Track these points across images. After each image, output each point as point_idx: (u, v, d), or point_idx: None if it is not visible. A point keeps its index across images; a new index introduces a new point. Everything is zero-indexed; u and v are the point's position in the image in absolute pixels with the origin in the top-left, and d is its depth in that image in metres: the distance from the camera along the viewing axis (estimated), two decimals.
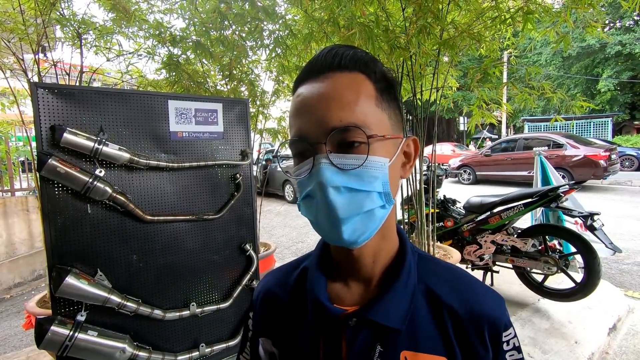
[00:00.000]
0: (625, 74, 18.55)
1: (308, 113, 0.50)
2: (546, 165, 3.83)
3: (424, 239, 3.02)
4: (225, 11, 2.77)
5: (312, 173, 0.50)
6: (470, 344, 0.53)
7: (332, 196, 0.48)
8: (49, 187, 1.53)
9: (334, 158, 0.49)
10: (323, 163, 0.48)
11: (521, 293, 3.29)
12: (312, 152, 0.50)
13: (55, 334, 1.45)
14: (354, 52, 0.53)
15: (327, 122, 0.49)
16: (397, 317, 0.53)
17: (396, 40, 2.48)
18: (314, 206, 0.51)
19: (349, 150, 0.49)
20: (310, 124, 0.50)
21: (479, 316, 0.53)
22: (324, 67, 0.52)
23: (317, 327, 0.57)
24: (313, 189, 0.50)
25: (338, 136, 0.49)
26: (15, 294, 4.68)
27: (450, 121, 26.56)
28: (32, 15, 2.52)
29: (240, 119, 2.07)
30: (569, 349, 2.47)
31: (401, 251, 0.59)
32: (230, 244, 2.05)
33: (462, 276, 0.59)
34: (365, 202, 0.50)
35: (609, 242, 2.89)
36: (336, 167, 0.48)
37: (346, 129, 0.48)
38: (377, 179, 0.50)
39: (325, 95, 0.50)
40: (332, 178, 0.48)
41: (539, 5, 2.45)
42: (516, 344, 0.55)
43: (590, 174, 9.44)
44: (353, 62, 0.52)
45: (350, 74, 0.51)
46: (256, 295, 0.69)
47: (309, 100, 0.51)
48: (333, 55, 0.52)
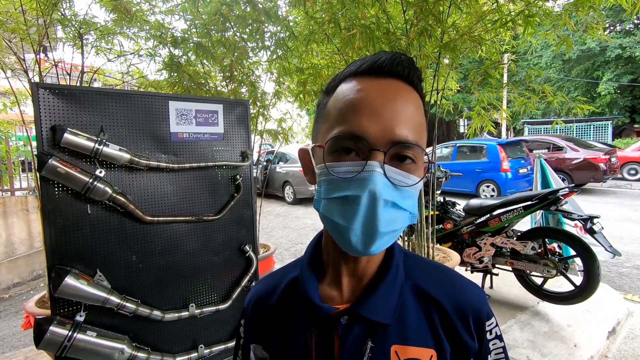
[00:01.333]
0: (626, 77, 18.57)
1: (374, 114, 0.48)
2: (546, 168, 3.83)
3: (424, 241, 3.02)
4: (227, 13, 2.78)
5: (359, 177, 0.48)
6: (458, 335, 0.55)
7: (381, 208, 0.47)
8: (49, 187, 1.53)
9: (389, 171, 0.48)
10: (377, 172, 0.47)
11: (520, 296, 3.29)
12: (365, 155, 0.48)
13: (54, 334, 1.45)
14: (417, 68, 0.53)
15: (394, 132, 0.48)
16: (386, 313, 0.55)
17: (397, 42, 2.49)
18: (351, 211, 0.48)
19: (400, 165, 0.50)
20: (374, 126, 0.48)
21: (464, 308, 0.56)
22: (390, 72, 0.51)
23: (309, 327, 0.58)
24: (358, 193, 0.48)
25: (398, 150, 0.49)
26: (14, 293, 4.68)
27: (450, 124, 26.56)
28: (34, 15, 2.53)
29: (241, 120, 2.07)
30: (568, 352, 2.47)
31: (389, 250, 0.60)
32: (229, 245, 2.05)
33: (445, 272, 0.62)
34: (400, 220, 0.51)
35: (609, 245, 2.88)
36: (389, 180, 0.48)
37: (410, 146, 0.49)
38: (412, 198, 0.52)
39: (395, 103, 0.49)
40: (384, 191, 0.47)
41: (540, 8, 2.46)
42: (498, 333, 0.58)
43: (590, 177, 9.45)
44: (417, 79, 0.53)
45: (413, 90, 0.52)
46: (247, 303, 0.69)
47: (376, 102, 0.49)
48: (402, 63, 0.51)
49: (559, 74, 21.02)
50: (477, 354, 0.56)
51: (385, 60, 0.50)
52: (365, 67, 0.51)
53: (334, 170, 0.49)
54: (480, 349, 0.56)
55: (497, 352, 0.58)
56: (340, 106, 0.51)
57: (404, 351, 0.54)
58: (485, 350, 0.57)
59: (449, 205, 3.71)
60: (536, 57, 20.89)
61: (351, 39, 2.36)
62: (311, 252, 0.64)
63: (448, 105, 3.54)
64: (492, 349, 0.57)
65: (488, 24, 2.70)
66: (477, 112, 3.07)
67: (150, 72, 4.58)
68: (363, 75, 0.51)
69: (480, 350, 0.56)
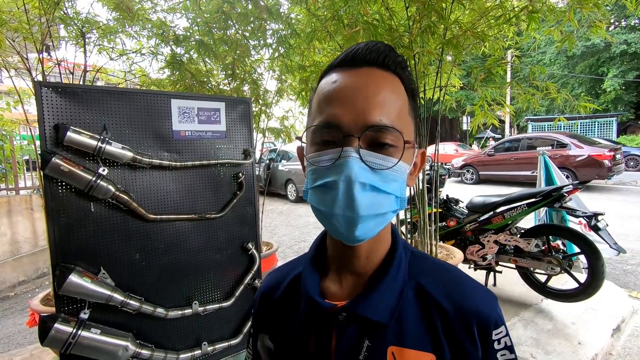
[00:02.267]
0: (631, 73, 18.41)
1: (346, 102, 0.49)
2: (550, 165, 3.81)
3: (427, 239, 3.02)
4: (229, 11, 2.78)
5: (336, 164, 0.49)
6: (459, 342, 0.52)
7: (357, 192, 0.47)
8: (53, 185, 1.53)
9: (365, 155, 0.48)
10: (353, 157, 0.48)
11: (524, 293, 3.28)
12: (340, 142, 0.49)
13: (58, 332, 1.46)
14: (395, 53, 0.53)
15: (367, 117, 0.48)
16: (384, 312, 0.54)
17: (400, 39, 2.47)
18: (331, 197, 0.49)
19: (379, 149, 0.49)
20: (347, 114, 0.49)
21: (468, 313, 0.53)
22: (365, 60, 0.51)
23: (308, 322, 0.58)
24: (335, 180, 0.48)
25: (373, 134, 0.49)
26: (19, 291, 4.72)
27: (453, 121, 26.47)
28: (36, 14, 2.54)
29: (243, 118, 2.07)
30: (572, 350, 2.46)
31: (392, 248, 0.59)
32: (232, 243, 2.05)
33: (453, 274, 0.59)
34: (385, 203, 0.50)
35: (613, 243, 2.87)
36: (365, 164, 0.48)
37: (384, 129, 0.48)
38: (398, 182, 0.51)
39: (368, 89, 0.49)
40: (360, 173, 0.48)
41: (544, 4, 2.43)
42: (508, 343, 0.54)
43: (595, 174, 9.38)
44: (395, 64, 0.52)
45: (390, 75, 0.52)
46: (258, 294, 0.71)
47: (348, 90, 0.50)
48: (376, 50, 0.51)
49: (563, 70, 20.86)
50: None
51: (359, 49, 0.51)
52: (341, 59, 0.52)
53: (314, 160, 0.51)
54: (485, 358, 0.53)
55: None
56: (319, 99, 0.53)
57: (401, 353, 0.52)
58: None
59: (452, 202, 3.70)
60: (540, 54, 20.75)
61: (354, 36, 2.34)
62: (315, 248, 0.64)
63: (451, 102, 3.53)
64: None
65: (491, 20, 2.68)
66: (480, 107, 3.05)
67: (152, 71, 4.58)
68: (339, 67, 0.52)
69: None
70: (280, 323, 0.63)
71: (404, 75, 0.53)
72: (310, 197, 0.53)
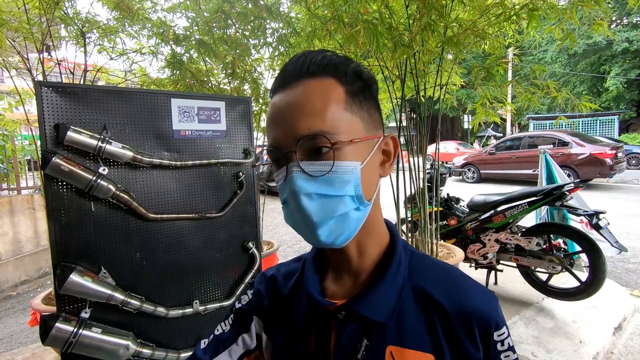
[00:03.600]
0: (633, 71, 18.33)
1: (280, 123, 0.52)
2: (551, 164, 3.80)
3: (427, 238, 3.01)
4: (229, 10, 2.78)
5: (286, 181, 0.51)
6: (460, 343, 0.52)
7: (304, 202, 0.49)
8: (54, 185, 1.54)
9: (304, 165, 0.50)
10: (295, 171, 0.50)
11: (525, 292, 3.27)
12: (285, 160, 0.51)
13: (59, 331, 1.46)
14: (322, 56, 0.53)
15: (296, 130, 0.50)
16: (383, 311, 0.54)
17: (400, 37, 2.47)
18: (289, 212, 0.53)
19: (318, 156, 0.50)
20: (282, 133, 0.51)
21: (468, 314, 0.53)
22: (294, 75, 0.52)
23: (309, 320, 0.59)
24: (287, 195, 0.51)
25: (307, 144, 0.50)
26: (21, 291, 4.74)
27: (454, 119, 26.42)
28: (37, 14, 2.54)
29: (243, 117, 2.07)
30: (574, 349, 2.46)
31: (391, 247, 0.60)
32: (233, 242, 2.05)
33: (453, 274, 0.58)
34: (338, 206, 0.51)
35: (615, 241, 2.86)
36: (307, 174, 0.50)
37: (313, 137, 0.49)
38: (349, 182, 0.51)
39: (294, 103, 0.51)
40: (303, 185, 0.49)
41: (544, 1, 2.43)
42: (510, 344, 0.54)
43: (596, 173, 9.36)
44: (322, 67, 0.52)
45: (319, 80, 0.52)
46: (259, 279, 0.71)
47: (280, 110, 0.52)
48: (302, 62, 0.52)
49: (564, 68, 20.79)
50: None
51: (287, 67, 0.54)
52: (277, 84, 0.55)
53: (275, 180, 0.54)
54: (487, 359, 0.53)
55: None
56: (266, 126, 0.56)
57: (400, 353, 0.52)
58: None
59: (452, 201, 3.69)
60: (541, 52, 20.68)
61: (355, 35, 2.34)
62: (316, 248, 0.65)
63: (452, 101, 3.52)
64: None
65: (492, 18, 2.67)
66: (482, 105, 3.04)
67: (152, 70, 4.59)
68: (277, 91, 0.54)
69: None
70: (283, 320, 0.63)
71: (338, 74, 0.52)
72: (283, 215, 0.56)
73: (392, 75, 3.15)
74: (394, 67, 3.04)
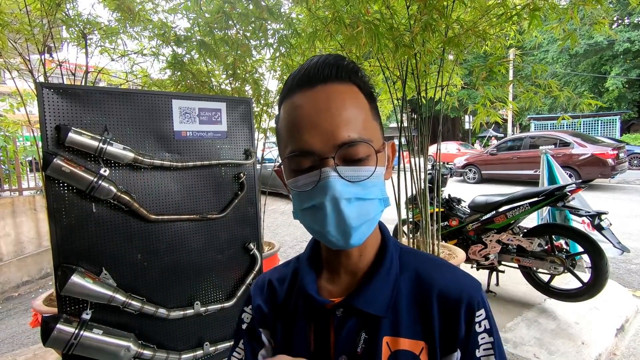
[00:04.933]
0: (634, 71, 18.29)
1: (314, 127, 0.51)
2: (553, 164, 3.79)
3: (429, 238, 3.01)
4: (230, 11, 2.78)
5: (319, 186, 0.51)
6: (449, 326, 0.55)
7: (345, 207, 0.51)
8: (55, 186, 1.54)
9: (342, 171, 0.51)
10: (332, 176, 0.50)
11: (527, 293, 3.26)
12: (317, 165, 0.51)
13: (61, 332, 1.46)
14: (346, 62, 0.54)
15: (336, 136, 0.50)
16: (379, 305, 0.57)
17: (401, 38, 2.46)
18: (321, 217, 0.52)
19: (354, 163, 0.52)
20: (317, 138, 0.51)
21: (457, 295, 0.56)
22: (319, 78, 0.52)
23: (307, 318, 0.61)
24: (321, 201, 0.51)
25: (346, 151, 0.51)
26: (23, 292, 4.74)
27: (455, 120, 26.41)
28: (38, 15, 2.54)
29: (244, 118, 2.07)
30: (576, 350, 2.45)
31: (383, 244, 0.63)
32: (234, 243, 2.05)
33: (441, 262, 0.63)
34: (371, 209, 0.54)
35: (617, 242, 2.85)
36: (345, 179, 0.51)
37: (354, 143, 0.51)
38: (378, 187, 0.54)
39: (330, 108, 0.51)
40: (343, 190, 0.50)
41: (546, 1, 2.42)
42: (487, 327, 0.56)
43: (598, 173, 9.34)
44: (348, 74, 0.54)
45: (346, 86, 0.53)
46: (254, 290, 0.71)
47: (312, 114, 0.51)
48: (327, 65, 0.53)
49: (565, 68, 20.77)
50: (465, 345, 0.54)
51: (311, 68, 0.53)
52: (297, 82, 0.54)
53: (296, 185, 0.54)
54: (467, 340, 0.54)
55: (485, 347, 0.55)
56: (286, 126, 0.55)
57: (395, 342, 0.56)
58: (473, 343, 0.55)
59: (454, 202, 3.68)
60: (542, 52, 20.66)
61: (356, 35, 2.33)
62: (311, 248, 0.68)
63: (452, 102, 3.51)
64: (480, 343, 0.55)
65: (493, 18, 2.67)
66: (483, 105, 3.04)
67: (153, 71, 4.60)
68: (297, 90, 0.54)
69: (466, 342, 0.54)
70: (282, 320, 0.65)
71: (359, 81, 0.55)
72: (301, 219, 0.57)
73: (393, 76, 3.15)
74: (395, 67, 3.04)
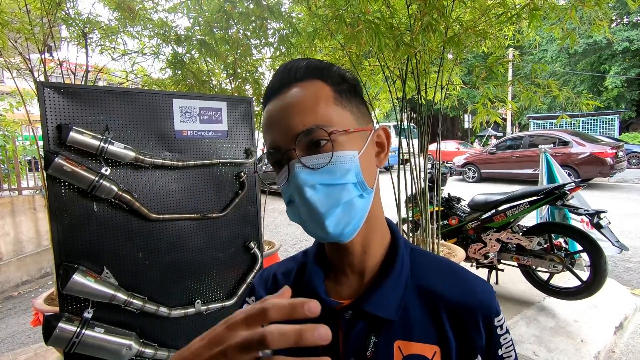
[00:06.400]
0: (633, 70, 18.31)
1: (275, 125, 0.54)
2: (552, 163, 3.80)
3: (428, 237, 3.02)
4: (230, 10, 2.78)
5: (289, 179, 0.53)
6: (466, 333, 0.55)
7: (309, 194, 0.51)
8: (56, 185, 1.54)
9: (305, 160, 0.52)
10: (297, 167, 0.52)
11: (526, 291, 3.28)
12: (286, 159, 0.53)
13: (62, 331, 1.46)
14: (307, 62, 0.56)
15: (292, 129, 0.52)
16: (390, 308, 0.56)
17: (401, 37, 2.47)
18: (296, 209, 0.54)
19: (317, 150, 0.52)
20: (279, 135, 0.53)
21: (472, 305, 0.56)
22: (283, 83, 0.55)
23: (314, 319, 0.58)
24: (292, 192, 0.53)
25: (304, 139, 0.52)
26: (23, 291, 4.74)
27: (454, 119, 26.42)
28: (38, 15, 2.54)
29: (245, 118, 2.07)
30: (575, 348, 2.46)
31: (393, 244, 0.61)
32: (234, 242, 2.05)
33: (452, 267, 0.62)
34: (342, 194, 0.52)
35: (616, 240, 2.86)
36: (309, 167, 0.52)
37: (309, 131, 0.52)
38: (349, 171, 0.53)
39: (286, 105, 0.54)
40: (306, 178, 0.51)
41: (545, 1, 2.43)
42: (506, 327, 0.59)
43: (597, 172, 9.36)
44: (308, 72, 0.55)
45: (307, 83, 0.55)
46: (258, 280, 0.70)
47: (274, 114, 0.55)
48: (289, 69, 0.56)
49: (564, 67, 20.78)
50: (486, 349, 0.56)
51: (276, 77, 0.56)
52: (267, 93, 0.58)
53: (279, 182, 0.56)
54: (489, 344, 0.56)
55: (507, 345, 0.58)
56: (262, 133, 0.58)
57: (407, 347, 0.55)
58: (495, 344, 0.57)
59: (453, 201, 3.69)
60: (542, 51, 20.66)
61: (356, 35, 2.34)
62: (317, 246, 0.66)
63: (452, 101, 3.52)
64: (502, 343, 0.57)
65: (492, 18, 2.68)
66: (483, 104, 3.04)
67: (154, 70, 4.59)
68: (268, 100, 0.57)
69: (489, 346, 0.56)
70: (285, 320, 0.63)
71: (323, 76, 0.56)
72: (289, 216, 0.58)
73: (393, 75, 3.16)
74: (395, 67, 3.04)
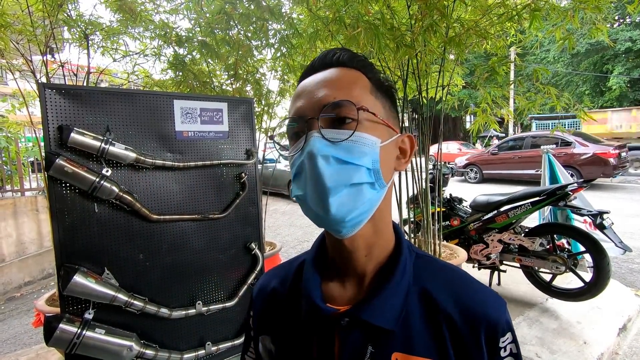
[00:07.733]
0: (636, 70, 18.23)
1: (305, 94, 0.53)
2: (554, 164, 3.78)
3: (430, 238, 3.01)
4: (231, 11, 2.78)
5: (303, 148, 0.51)
6: (466, 348, 0.51)
7: (320, 164, 0.49)
8: (57, 186, 1.54)
9: (325, 132, 0.50)
10: (314, 136, 0.50)
11: (529, 293, 3.26)
12: (307, 129, 0.51)
13: (63, 332, 1.46)
14: (353, 53, 0.56)
15: (322, 99, 0.51)
16: (389, 318, 0.52)
17: (402, 38, 2.46)
18: (303, 180, 0.51)
19: (340, 126, 0.51)
20: (307, 103, 0.52)
21: (476, 319, 0.52)
22: (325, 63, 0.56)
23: (310, 326, 0.56)
24: (303, 161, 0.51)
25: (330, 111, 0.51)
26: (25, 292, 4.76)
27: (456, 119, 26.40)
28: (40, 16, 2.55)
29: (245, 118, 2.07)
30: (578, 350, 2.44)
31: (396, 250, 0.58)
32: (235, 243, 2.05)
33: (460, 277, 0.57)
34: (354, 174, 0.50)
35: (619, 241, 2.84)
36: (326, 139, 0.50)
37: (338, 104, 0.50)
38: (367, 155, 0.51)
39: (322, 79, 0.53)
40: (321, 148, 0.49)
41: (546, 2, 2.42)
42: (514, 350, 0.53)
43: (600, 172, 9.32)
44: (352, 61, 0.55)
45: (347, 69, 0.55)
46: (256, 293, 0.69)
47: (307, 85, 0.54)
48: (333, 54, 0.56)
49: (567, 68, 20.71)
50: None
51: (319, 58, 0.56)
52: (307, 70, 0.58)
53: (290, 154, 0.54)
54: None
55: None
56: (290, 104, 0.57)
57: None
58: None
59: (455, 201, 3.68)
60: (544, 52, 20.62)
61: (356, 36, 2.34)
62: (316, 248, 0.63)
63: (453, 101, 3.51)
64: None
65: (494, 18, 2.67)
66: (483, 109, 3.04)
67: (155, 72, 4.61)
68: (306, 76, 0.57)
69: None
70: (283, 324, 0.61)
71: (365, 69, 0.56)
72: (292, 190, 0.55)
73: (394, 76, 3.15)
74: (396, 67, 3.04)
